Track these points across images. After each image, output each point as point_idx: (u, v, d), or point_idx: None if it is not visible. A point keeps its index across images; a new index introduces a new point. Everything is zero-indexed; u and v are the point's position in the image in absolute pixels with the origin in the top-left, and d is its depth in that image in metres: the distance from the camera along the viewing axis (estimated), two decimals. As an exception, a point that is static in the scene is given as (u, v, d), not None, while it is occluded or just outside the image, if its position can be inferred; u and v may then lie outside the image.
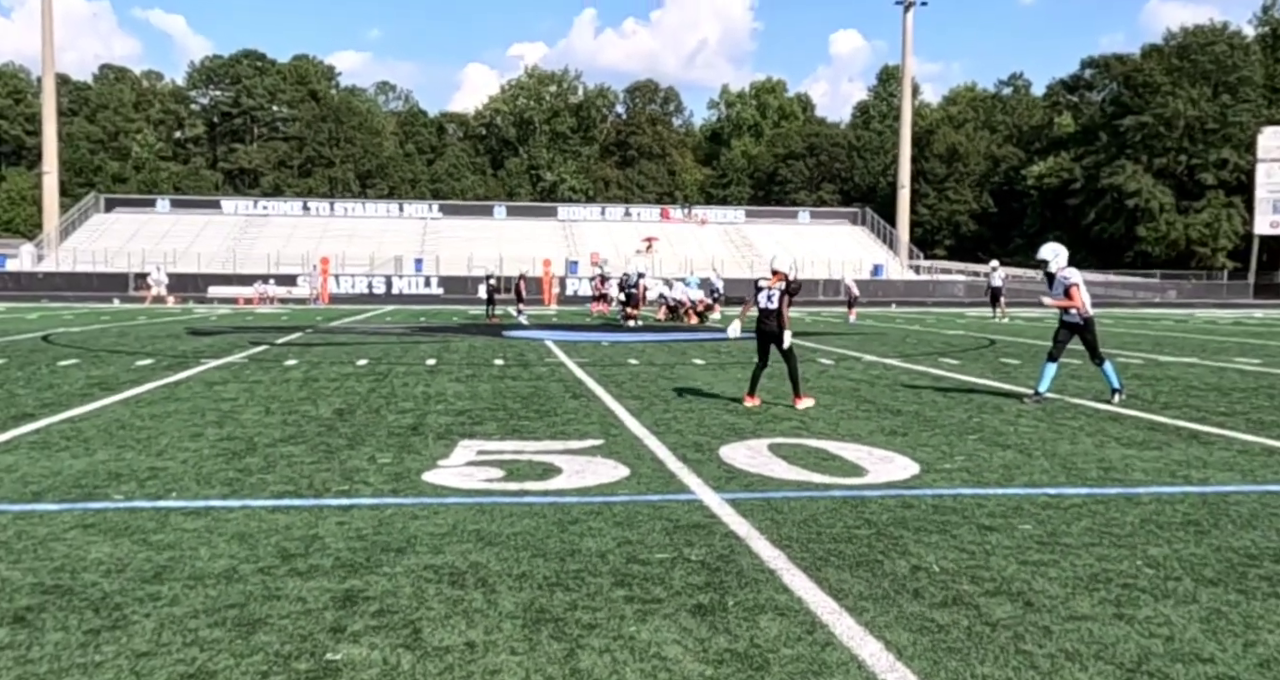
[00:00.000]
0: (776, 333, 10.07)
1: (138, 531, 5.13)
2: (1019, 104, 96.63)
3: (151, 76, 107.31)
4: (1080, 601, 4.15)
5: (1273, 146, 64.28)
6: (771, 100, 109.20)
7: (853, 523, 5.41)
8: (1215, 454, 7.59)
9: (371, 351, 17.13)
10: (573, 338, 21.73)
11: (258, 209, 71.15)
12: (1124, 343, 20.33)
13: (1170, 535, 5.21)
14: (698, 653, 3.57)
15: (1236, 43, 75.46)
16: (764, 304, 10.17)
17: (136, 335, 21.13)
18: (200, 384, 11.92)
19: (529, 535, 5.11)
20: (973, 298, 54.77)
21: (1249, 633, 3.80)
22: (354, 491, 6.12)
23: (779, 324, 10.05)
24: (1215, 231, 72.64)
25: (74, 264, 56.58)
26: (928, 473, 6.83)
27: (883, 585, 4.36)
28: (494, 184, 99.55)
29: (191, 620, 3.85)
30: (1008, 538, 5.14)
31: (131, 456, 7.19)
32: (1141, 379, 12.99)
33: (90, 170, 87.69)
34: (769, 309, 10.13)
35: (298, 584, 4.31)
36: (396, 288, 55.76)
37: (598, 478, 6.55)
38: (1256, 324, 30.27)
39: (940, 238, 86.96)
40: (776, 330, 10.07)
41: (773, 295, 10.09)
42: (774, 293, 10.08)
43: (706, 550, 4.87)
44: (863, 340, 21.02)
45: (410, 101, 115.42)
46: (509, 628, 3.81)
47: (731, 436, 8.28)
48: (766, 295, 10.15)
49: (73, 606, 4.00)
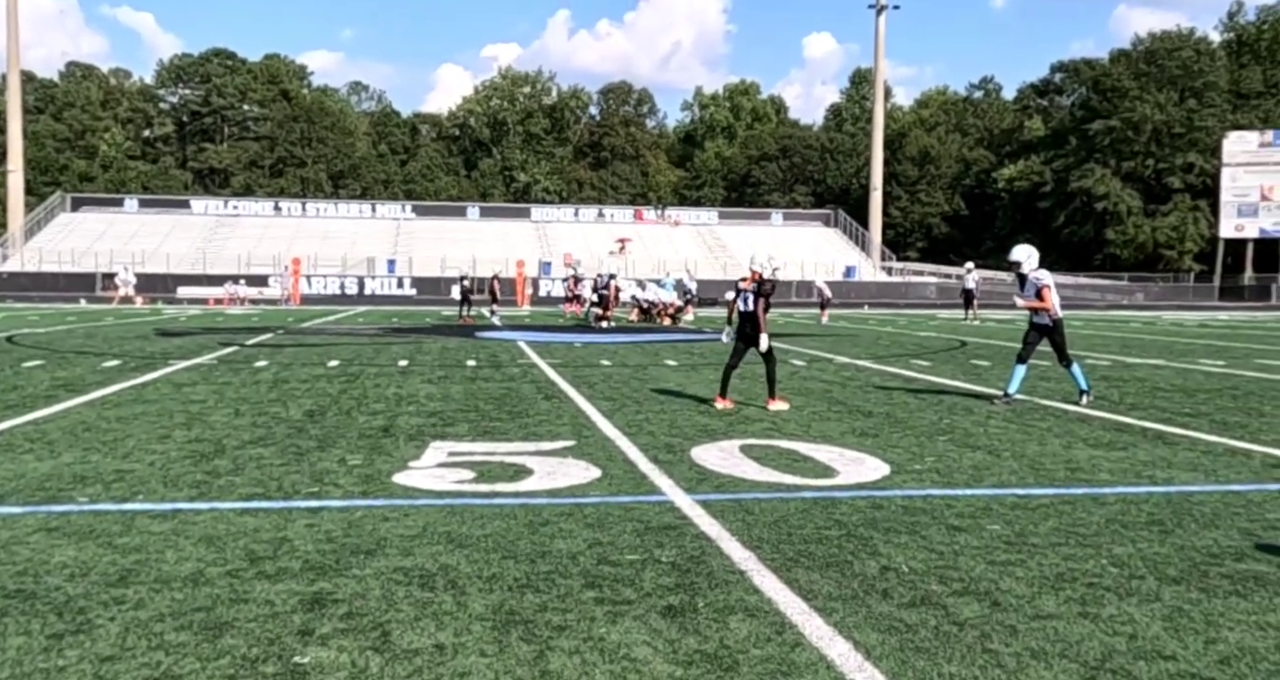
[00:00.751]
0: (754, 336, 10.06)
1: (103, 535, 5.08)
2: (990, 107, 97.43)
3: (119, 74, 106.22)
4: (1046, 600, 4.19)
5: (1237, 151, 65.23)
6: (745, 102, 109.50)
7: (823, 524, 5.44)
8: (1180, 454, 7.68)
9: (343, 353, 17.03)
10: (545, 339, 21.70)
11: (228, 209, 70.55)
12: (1092, 344, 20.53)
13: (1135, 535, 5.26)
14: (667, 654, 3.58)
15: (1203, 48, 76.48)
16: (742, 307, 10.15)
17: (104, 336, 20.91)
18: (168, 385, 11.81)
19: (499, 537, 5.10)
20: (945, 299, 55.15)
21: (1210, 630, 3.85)
22: (324, 493, 6.09)
23: (754, 327, 10.04)
24: (1182, 235, 73.53)
25: (39, 264, 55.91)
26: (898, 474, 6.87)
27: (852, 586, 4.38)
28: (467, 185, 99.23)
29: (157, 624, 3.82)
30: (976, 538, 5.18)
31: (97, 459, 7.12)
32: (1109, 380, 13.13)
33: (56, 169, 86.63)
34: (746, 312, 10.12)
35: (266, 587, 4.28)
36: (369, 289, 55.47)
37: (569, 479, 6.55)
38: (1221, 326, 30.66)
39: (912, 240, 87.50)
40: (753, 334, 10.06)
41: (749, 297, 10.07)
42: (749, 295, 10.06)
43: (677, 551, 4.88)
44: (835, 341, 21.12)
45: (383, 102, 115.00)
46: (479, 630, 3.80)
47: (703, 438, 8.29)
48: (743, 298, 10.13)
49: (35, 611, 3.95)
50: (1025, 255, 10.83)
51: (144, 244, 59.71)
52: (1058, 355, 10.86)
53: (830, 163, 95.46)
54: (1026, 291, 10.79)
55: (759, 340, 9.97)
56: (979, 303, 35.23)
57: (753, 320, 10.04)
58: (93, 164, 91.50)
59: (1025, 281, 10.79)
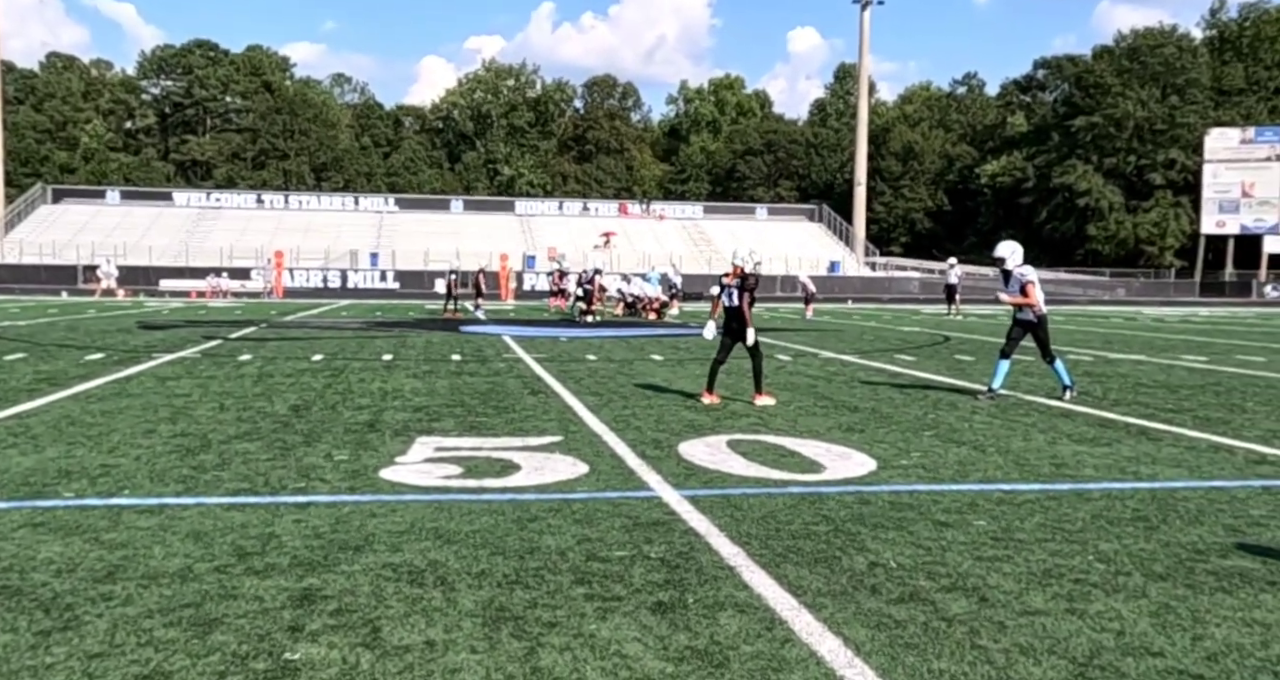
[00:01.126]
0: (741, 331, 10.09)
1: (89, 530, 5.05)
2: (973, 103, 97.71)
3: (101, 65, 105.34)
4: (1034, 597, 4.22)
5: (1219, 147, 65.67)
6: (730, 97, 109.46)
7: (811, 519, 5.45)
8: (1164, 450, 7.73)
9: (327, 347, 16.97)
10: (530, 333, 21.67)
11: (210, 201, 70.13)
12: (1074, 340, 20.64)
13: (1120, 531, 5.30)
14: (658, 650, 3.59)
15: (1185, 45, 76.87)
16: (727, 302, 10.19)
17: (86, 329, 20.76)
18: (152, 379, 11.74)
19: (488, 533, 5.10)
20: (927, 294, 55.32)
21: (1197, 627, 3.88)
22: (310, 489, 6.07)
23: (740, 322, 10.07)
24: (1163, 231, 74.01)
25: (20, 256, 55.42)
26: (884, 469, 6.90)
27: (841, 581, 4.40)
28: (451, 178, 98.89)
29: (146, 620, 3.80)
30: (963, 534, 5.21)
31: (82, 453, 7.07)
32: (1092, 376, 13.20)
33: (37, 160, 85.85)
34: (732, 307, 10.15)
35: (254, 583, 4.26)
36: (352, 282, 55.18)
37: (556, 475, 6.54)
38: (1203, 321, 30.87)
39: (896, 235, 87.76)
40: (739, 329, 10.09)
41: (733, 292, 10.10)
42: (733, 290, 10.09)
43: (666, 547, 4.89)
44: (820, 336, 21.17)
45: (366, 94, 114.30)
46: (469, 626, 3.79)
47: (690, 433, 8.30)
48: (728, 293, 10.16)
49: (22, 607, 3.92)
50: (1009, 251, 10.88)
51: (126, 236, 59.28)
52: (1041, 351, 10.92)
53: (815, 158, 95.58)
54: (1011, 287, 10.85)
55: (745, 335, 10.01)
56: (961, 298, 35.37)
57: (738, 315, 10.08)
58: (74, 155, 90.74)
59: (1009, 277, 10.85)
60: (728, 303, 10.17)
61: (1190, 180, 71.12)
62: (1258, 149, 65.13)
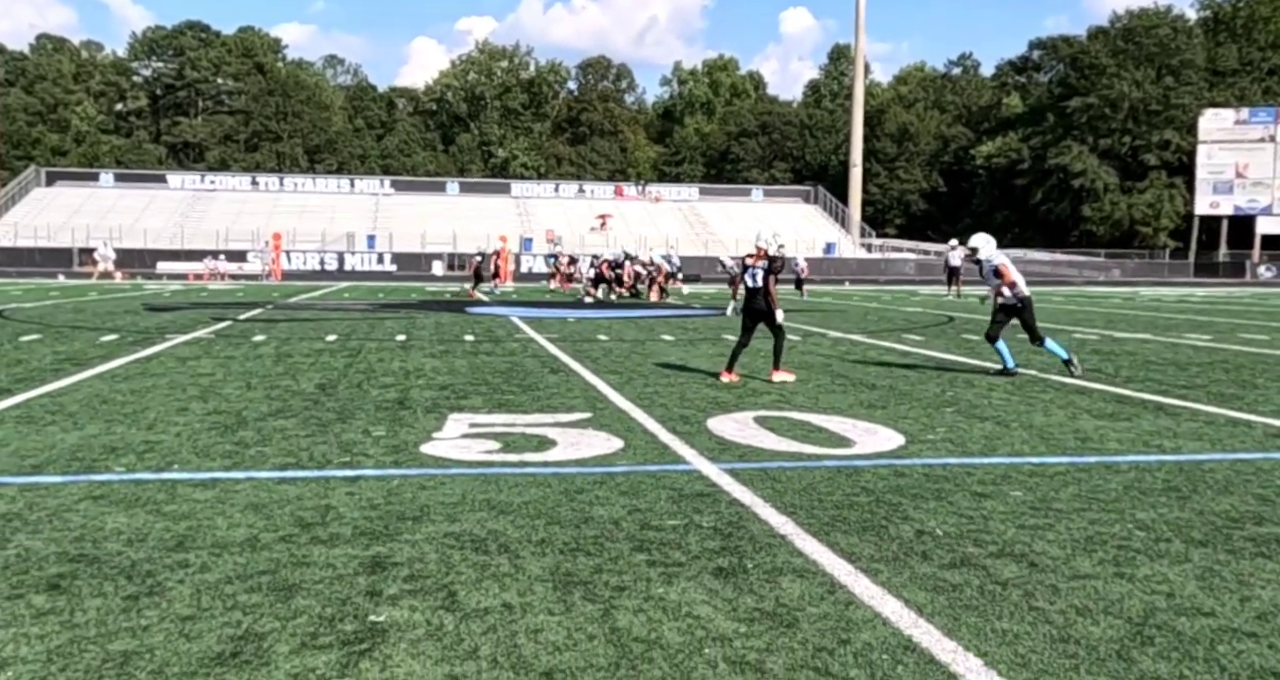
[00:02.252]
0: (767, 310, 10.25)
1: (149, 502, 5.16)
2: (968, 84, 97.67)
3: (91, 47, 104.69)
4: (1081, 562, 4.35)
5: (1213, 128, 65.80)
6: (724, 78, 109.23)
7: (851, 491, 5.58)
8: (1183, 425, 7.87)
9: (338, 327, 17.04)
10: (537, 314, 21.76)
11: (205, 184, 69.92)
12: (1077, 319, 20.80)
13: (1154, 500, 5.44)
14: (727, 612, 3.71)
15: (1179, 26, 76.91)
16: (750, 283, 10.32)
17: (93, 311, 20.79)
18: (172, 359, 11.83)
19: (539, 504, 5.21)
20: (924, 276, 55.48)
21: (1243, 589, 4.01)
22: (356, 463, 6.18)
23: (768, 302, 10.22)
24: (1158, 211, 74.22)
25: (15, 239, 55.25)
26: (913, 444, 7.03)
27: (891, 548, 4.53)
28: (445, 160, 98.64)
29: (226, 586, 3.91)
30: (1001, 504, 5.34)
31: (122, 430, 7.17)
32: (1101, 354, 13.35)
33: (29, 143, 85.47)
34: (756, 288, 10.29)
35: (323, 551, 4.38)
36: (349, 264, 55.16)
37: (593, 449, 6.66)
38: (1200, 301, 31.07)
39: (891, 216, 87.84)
40: (766, 308, 10.24)
41: (757, 273, 10.24)
42: (758, 271, 10.23)
43: (716, 517, 5.01)
44: (824, 317, 21.30)
45: (359, 75, 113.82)
46: (541, 590, 3.91)
47: (716, 410, 8.42)
48: (751, 274, 10.29)
49: (104, 574, 4.03)
50: (984, 242, 11.23)
51: (121, 219, 59.07)
52: (1029, 335, 11.01)
53: (809, 139, 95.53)
54: (988, 277, 11.10)
55: (774, 314, 10.19)
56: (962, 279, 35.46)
57: (763, 295, 10.25)
58: (65, 138, 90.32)
59: (982, 267, 11.15)
60: (750, 283, 10.31)
61: (1185, 161, 71.29)
62: (1252, 130, 65.30)
